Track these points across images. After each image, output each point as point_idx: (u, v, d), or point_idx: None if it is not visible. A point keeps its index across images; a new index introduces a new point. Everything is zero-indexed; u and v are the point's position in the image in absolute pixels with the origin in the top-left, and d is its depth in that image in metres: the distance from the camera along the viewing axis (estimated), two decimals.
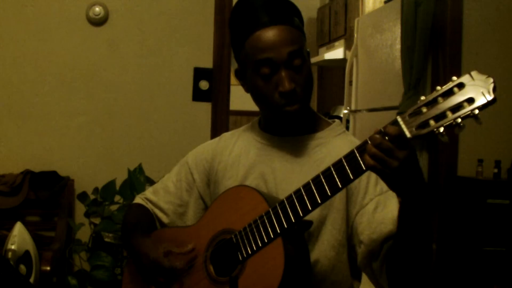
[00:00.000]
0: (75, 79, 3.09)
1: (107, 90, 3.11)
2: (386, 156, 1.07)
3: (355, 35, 4.31)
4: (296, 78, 1.34)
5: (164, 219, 1.58)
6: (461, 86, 1.01)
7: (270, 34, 1.33)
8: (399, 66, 3.33)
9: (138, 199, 1.65)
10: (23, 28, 3.06)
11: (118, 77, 3.12)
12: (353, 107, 4.33)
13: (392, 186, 1.14)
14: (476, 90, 1.00)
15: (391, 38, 3.65)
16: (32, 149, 3.07)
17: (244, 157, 1.48)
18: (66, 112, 3.08)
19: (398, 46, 3.41)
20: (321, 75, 6.51)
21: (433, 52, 3.23)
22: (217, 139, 1.60)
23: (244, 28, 1.37)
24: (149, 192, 1.65)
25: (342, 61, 5.28)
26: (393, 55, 3.60)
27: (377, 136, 1.08)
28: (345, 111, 4.46)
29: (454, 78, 1.02)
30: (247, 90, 1.44)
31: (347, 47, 5.33)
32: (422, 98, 1.05)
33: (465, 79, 1.01)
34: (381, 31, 3.84)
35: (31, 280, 2.62)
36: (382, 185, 1.34)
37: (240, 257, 1.30)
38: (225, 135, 1.60)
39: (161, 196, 1.60)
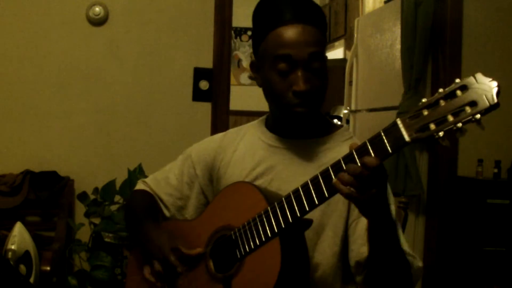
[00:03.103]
0: (75, 79, 3.09)
1: (107, 90, 3.11)
2: (361, 185, 1.07)
3: (355, 35, 4.31)
4: (313, 81, 1.32)
5: (165, 211, 1.58)
6: (464, 88, 0.97)
7: (294, 31, 1.32)
8: (399, 66, 3.33)
9: (142, 185, 1.63)
10: (23, 28, 3.06)
11: (118, 77, 3.12)
12: (353, 107, 4.33)
13: (363, 210, 1.14)
14: (479, 94, 0.95)
15: (391, 38, 3.65)
16: (32, 149, 3.07)
17: (248, 157, 1.47)
18: (66, 112, 3.08)
19: (398, 46, 3.41)
20: None
21: (433, 52, 3.23)
22: (222, 134, 1.59)
23: (269, 21, 1.35)
24: (150, 180, 1.62)
25: (342, 61, 5.28)
26: (393, 55, 3.60)
27: (354, 166, 1.07)
28: (345, 111, 4.46)
29: (458, 80, 0.98)
30: (260, 84, 1.42)
31: (347, 47, 5.32)
32: (424, 100, 1.02)
33: (468, 81, 0.97)
34: (381, 31, 3.84)
35: (31, 280, 2.61)
36: None
37: (238, 255, 1.29)
38: (231, 132, 1.58)
39: (161, 188, 1.58)
